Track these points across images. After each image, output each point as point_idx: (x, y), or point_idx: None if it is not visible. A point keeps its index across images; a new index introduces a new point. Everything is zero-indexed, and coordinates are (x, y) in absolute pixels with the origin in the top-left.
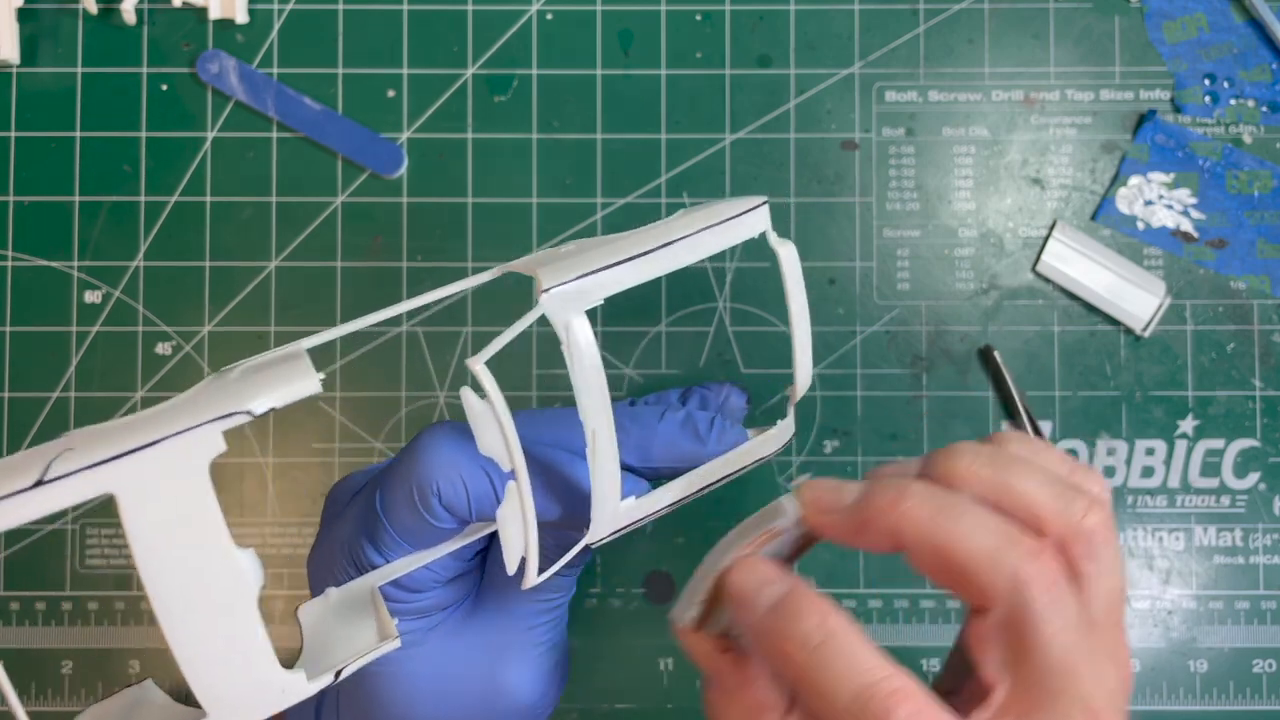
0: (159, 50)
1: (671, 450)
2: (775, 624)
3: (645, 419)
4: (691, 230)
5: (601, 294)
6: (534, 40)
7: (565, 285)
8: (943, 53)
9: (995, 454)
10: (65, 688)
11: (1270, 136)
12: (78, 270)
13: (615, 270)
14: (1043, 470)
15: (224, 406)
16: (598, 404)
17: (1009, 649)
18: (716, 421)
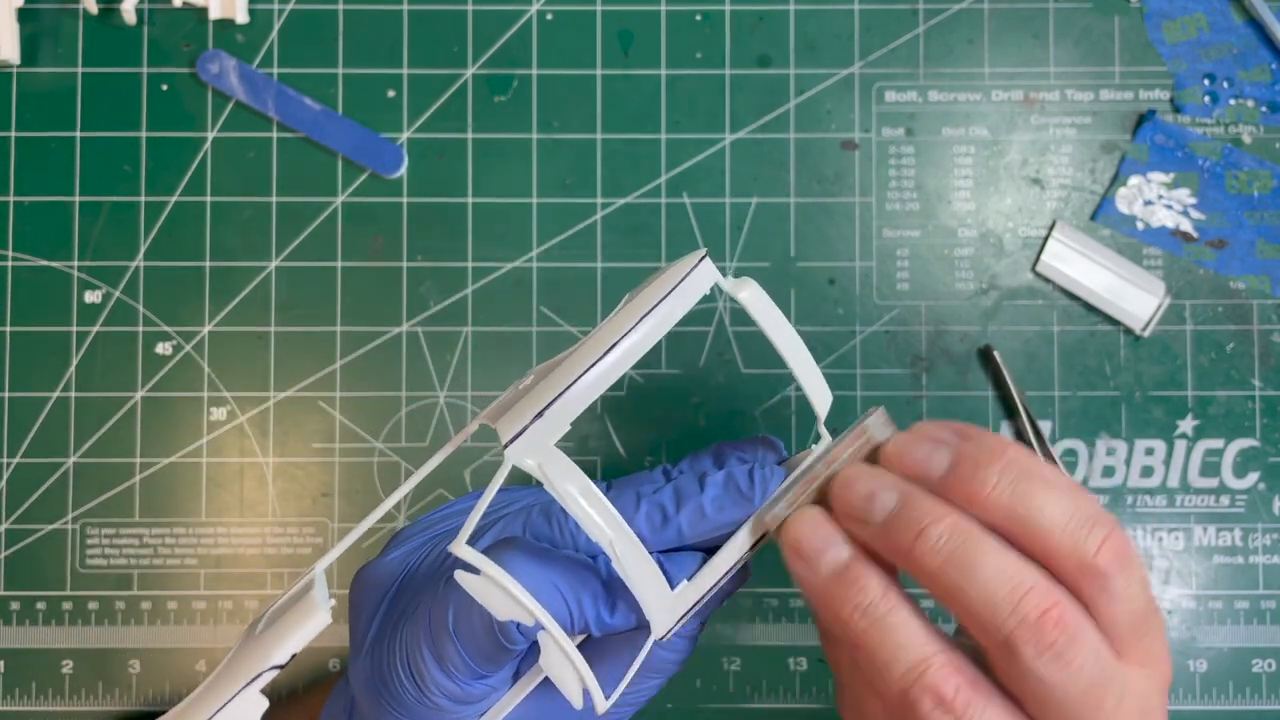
0: (159, 50)
1: (720, 517)
2: (837, 591)
3: (686, 492)
4: (633, 323)
5: (565, 421)
6: (534, 40)
7: (524, 433)
8: (943, 53)
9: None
10: (65, 688)
11: (1270, 136)
12: (78, 270)
13: (569, 395)
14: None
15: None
16: (602, 522)
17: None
18: (757, 474)
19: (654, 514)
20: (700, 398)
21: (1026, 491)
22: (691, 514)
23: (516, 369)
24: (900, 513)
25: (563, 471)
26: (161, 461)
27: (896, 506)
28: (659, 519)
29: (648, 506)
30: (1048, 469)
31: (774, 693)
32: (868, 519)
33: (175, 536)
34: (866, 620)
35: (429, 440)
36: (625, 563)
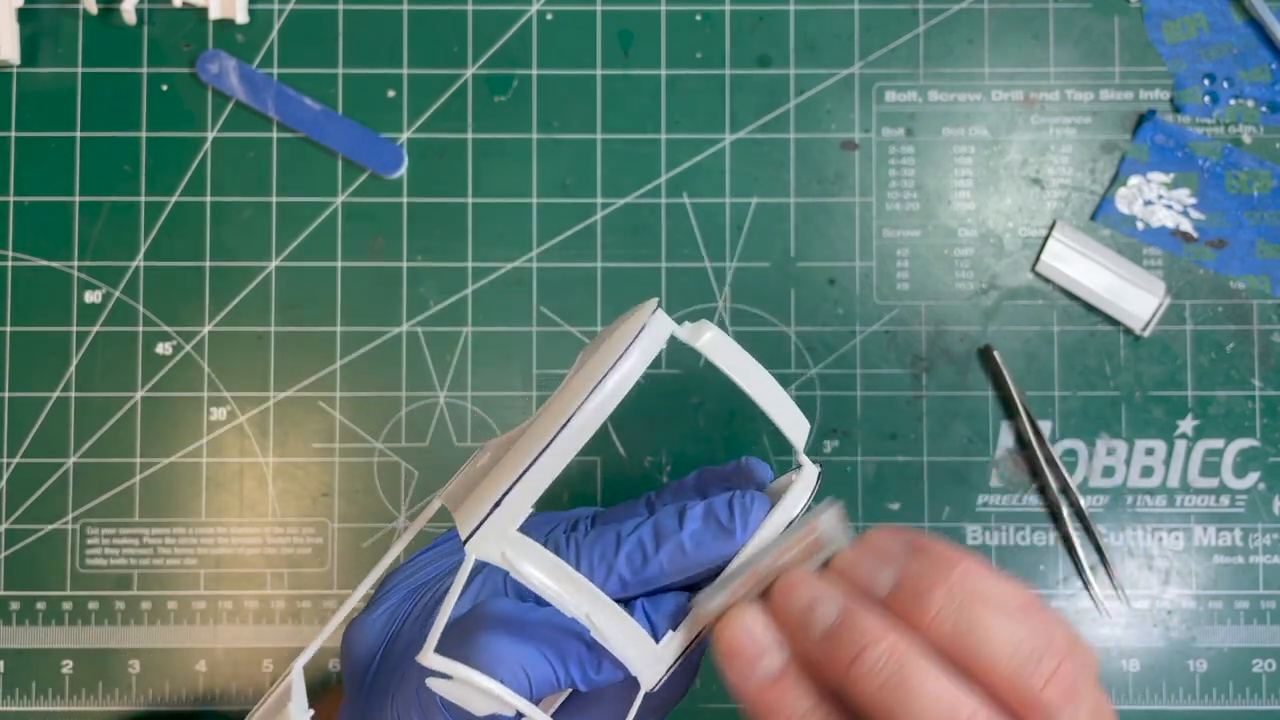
0: (159, 50)
1: (701, 554)
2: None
3: (666, 530)
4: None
5: (525, 505)
6: (534, 40)
7: (484, 524)
8: (943, 53)
9: (963, 605)
10: (65, 688)
11: (1270, 136)
12: (78, 270)
13: (526, 479)
14: (1007, 631)
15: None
16: (575, 596)
17: None
18: (737, 504)
19: (634, 555)
20: (700, 398)
21: (971, 619)
22: (672, 552)
23: (516, 369)
24: (840, 628)
25: (527, 556)
26: (161, 461)
27: (836, 622)
28: (639, 559)
29: (628, 548)
30: (998, 588)
31: None
32: (807, 630)
33: (175, 536)
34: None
35: (429, 440)
36: (605, 631)
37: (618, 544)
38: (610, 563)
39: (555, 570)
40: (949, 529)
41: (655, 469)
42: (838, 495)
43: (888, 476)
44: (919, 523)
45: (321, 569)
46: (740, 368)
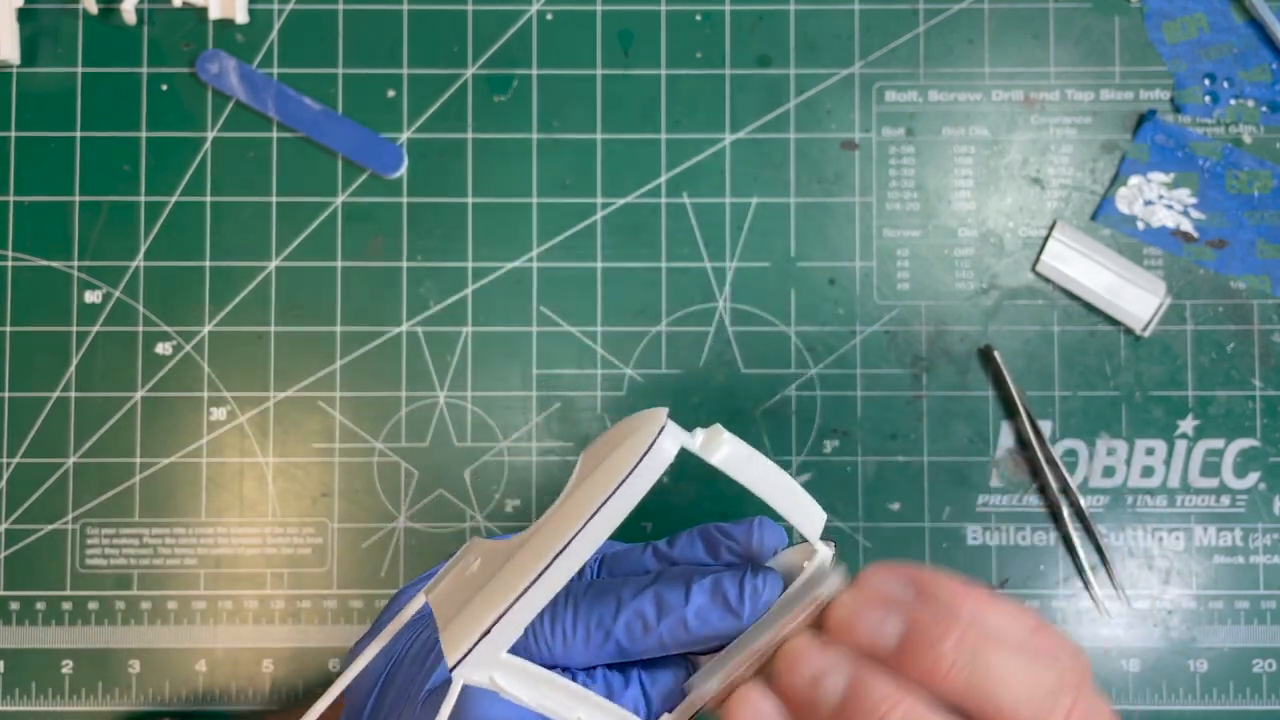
0: (159, 50)
1: (703, 631)
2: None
3: (669, 602)
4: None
5: (516, 631)
6: (534, 40)
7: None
8: (943, 53)
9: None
10: (65, 687)
11: (1270, 136)
12: (78, 270)
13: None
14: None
15: None
16: (567, 702)
17: None
18: (747, 586)
19: (634, 624)
20: (700, 398)
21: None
22: (673, 626)
23: (516, 369)
24: (851, 701)
25: (516, 678)
26: (161, 461)
27: (846, 693)
28: (639, 629)
29: (628, 616)
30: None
31: None
32: (815, 706)
33: (175, 536)
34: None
35: (429, 440)
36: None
37: (617, 610)
38: (608, 629)
39: (546, 684)
40: (949, 529)
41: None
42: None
43: (888, 476)
44: (919, 523)
45: (321, 569)
46: (754, 477)
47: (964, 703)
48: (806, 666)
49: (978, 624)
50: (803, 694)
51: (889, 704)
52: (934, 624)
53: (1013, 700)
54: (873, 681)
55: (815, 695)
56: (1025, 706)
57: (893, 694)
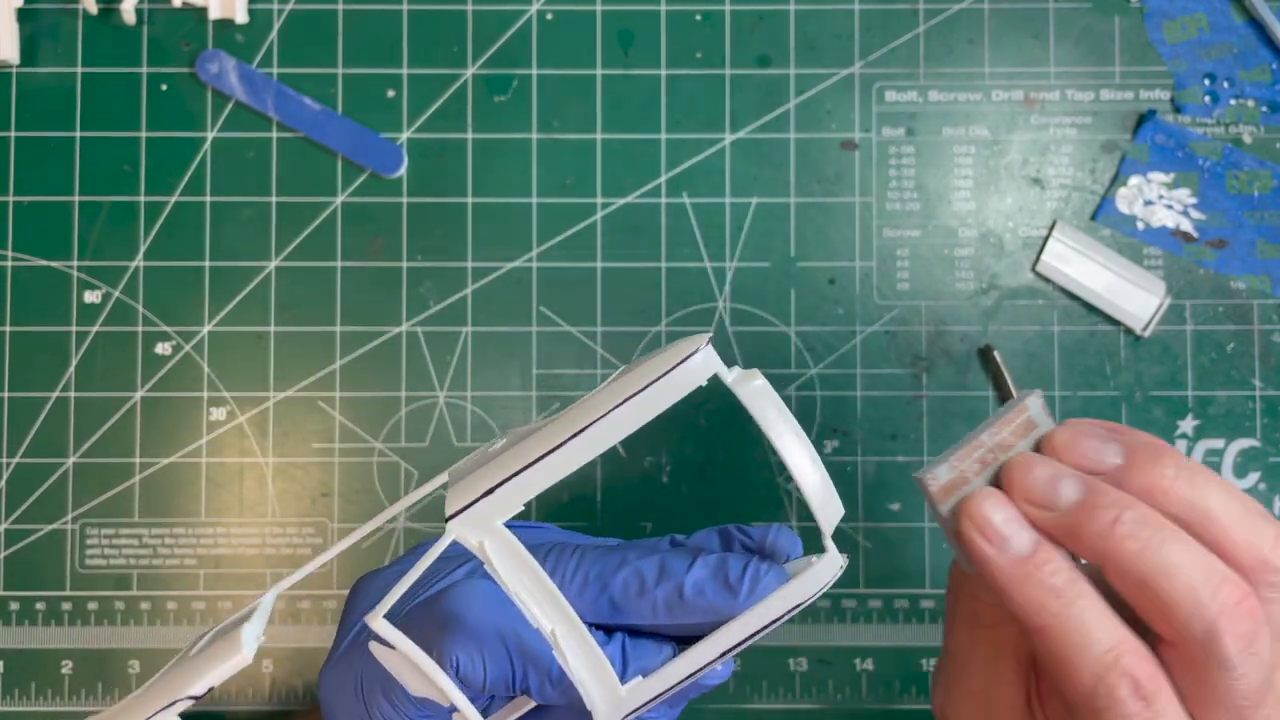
0: (159, 50)
1: (699, 602)
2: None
3: (671, 569)
4: (611, 405)
5: (518, 501)
6: (534, 40)
7: (470, 509)
8: (943, 53)
9: (1194, 473)
10: (65, 688)
11: (1270, 136)
12: (78, 270)
13: (525, 475)
14: (1234, 498)
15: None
16: (544, 606)
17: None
18: (750, 568)
19: (632, 581)
20: (700, 397)
21: (1204, 486)
22: (669, 591)
23: (516, 369)
24: (1089, 500)
25: (506, 553)
26: (161, 461)
27: (1083, 494)
28: (636, 587)
29: (627, 573)
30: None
31: (774, 693)
32: (1053, 505)
33: (175, 537)
34: (1060, 604)
35: (429, 440)
36: (567, 653)
37: (619, 566)
38: (606, 581)
39: (531, 576)
40: None
41: (655, 469)
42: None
43: (888, 476)
44: (919, 523)
45: (321, 569)
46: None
47: (1185, 518)
48: (1043, 470)
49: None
50: (1040, 494)
51: (1124, 504)
52: (1154, 450)
53: (1229, 517)
54: (1107, 488)
55: (1052, 496)
56: (1240, 526)
57: (1125, 497)
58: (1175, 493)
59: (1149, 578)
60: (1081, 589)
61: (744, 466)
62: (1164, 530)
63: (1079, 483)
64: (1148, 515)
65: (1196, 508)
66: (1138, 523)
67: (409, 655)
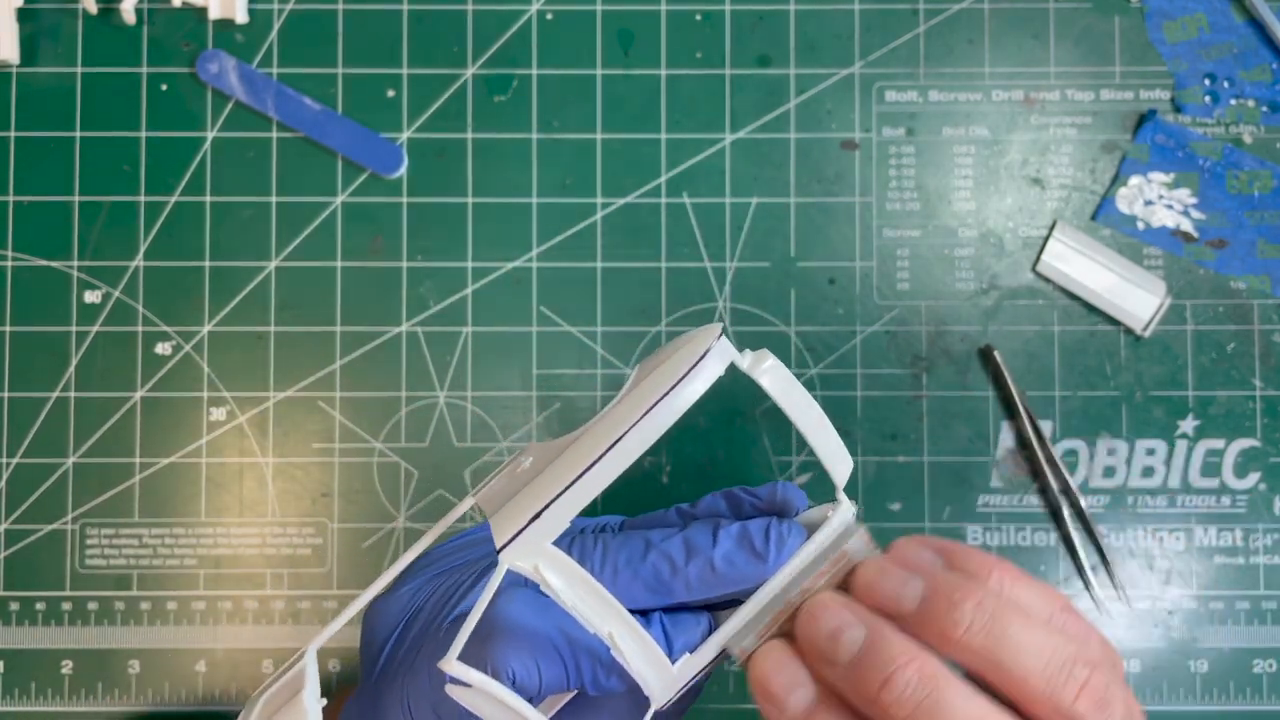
0: (159, 50)
1: (731, 573)
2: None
3: (697, 545)
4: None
5: (565, 521)
6: (534, 40)
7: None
8: (943, 53)
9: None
10: (65, 688)
11: (1270, 136)
12: (78, 270)
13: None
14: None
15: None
16: (600, 614)
17: None
18: (773, 532)
19: (662, 565)
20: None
21: (1002, 633)
22: (701, 569)
23: (516, 369)
24: (866, 655)
25: (560, 570)
26: (161, 461)
27: (862, 648)
28: (667, 570)
29: (656, 557)
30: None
31: None
32: (833, 659)
33: (175, 537)
34: (908, 708)
35: (429, 440)
36: (626, 652)
37: (646, 551)
38: (636, 568)
39: (584, 586)
40: (949, 529)
41: (655, 469)
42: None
43: (888, 476)
44: (919, 523)
45: (321, 569)
46: (794, 401)
47: (978, 667)
48: (827, 621)
49: (1002, 593)
50: (822, 647)
51: (902, 659)
52: (956, 588)
53: (1027, 667)
54: (889, 638)
55: (834, 649)
56: (1039, 675)
57: (907, 650)
58: (968, 644)
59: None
60: (933, 676)
61: (744, 466)
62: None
63: (861, 632)
64: (924, 673)
65: (990, 659)
66: (908, 685)
67: (492, 693)
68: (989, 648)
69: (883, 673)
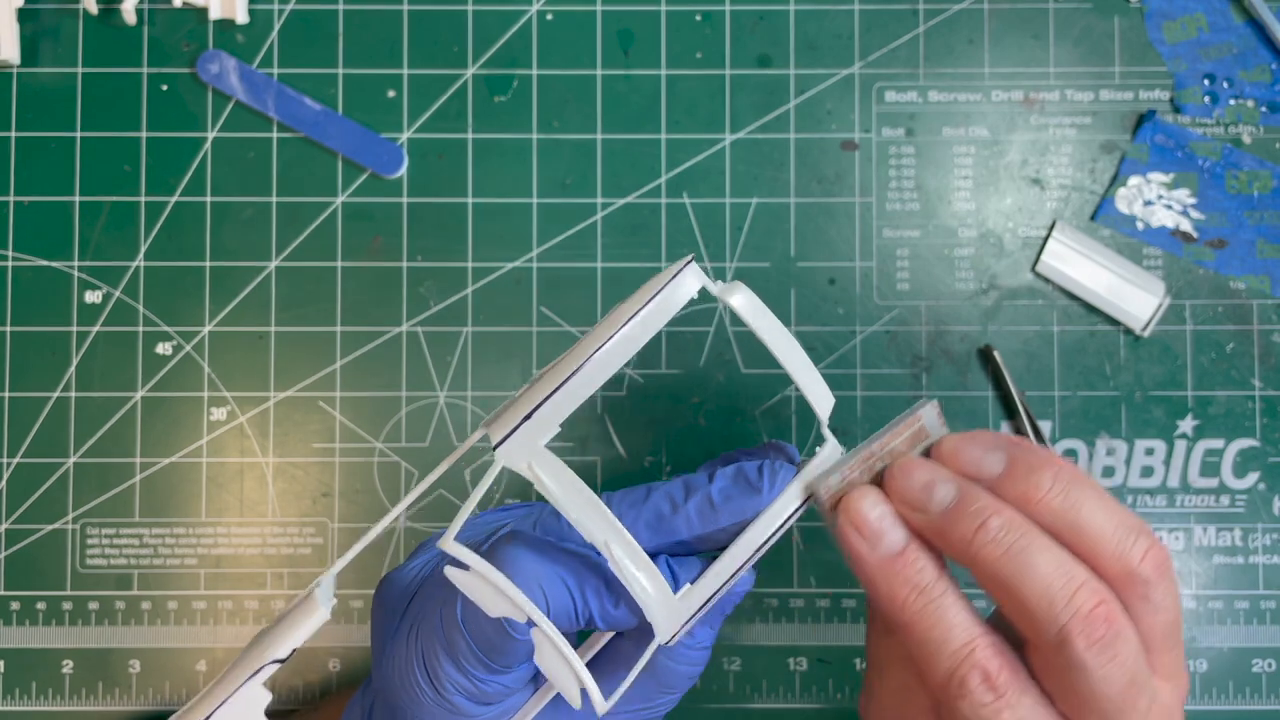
0: (159, 50)
1: (728, 507)
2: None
3: (695, 484)
4: (618, 327)
5: (554, 423)
6: (534, 40)
7: (513, 435)
8: (943, 53)
9: (1070, 486)
10: (65, 688)
11: (1270, 136)
12: (78, 270)
13: (556, 397)
14: (1108, 511)
15: (256, 663)
16: (594, 520)
17: (1057, 687)
18: (766, 466)
19: (662, 504)
20: (700, 398)
21: (1078, 498)
22: (700, 503)
23: (517, 369)
24: (959, 505)
25: (553, 471)
26: (161, 461)
27: (954, 499)
28: (668, 508)
29: (657, 497)
30: (1095, 481)
31: (774, 693)
32: (925, 508)
33: (175, 536)
34: (922, 600)
35: (429, 440)
36: (622, 563)
37: (647, 495)
38: (639, 510)
39: (579, 493)
40: None
41: (655, 469)
42: None
43: None
44: None
45: (321, 569)
46: (771, 333)
47: (1056, 527)
48: (921, 474)
49: (1071, 470)
50: (914, 497)
51: (991, 510)
52: (1033, 460)
53: (1100, 528)
54: (979, 493)
55: (926, 499)
56: (1110, 535)
57: (995, 503)
58: (1048, 504)
59: (1008, 582)
60: (945, 588)
61: None
62: (1027, 536)
63: (953, 487)
64: (1013, 521)
65: (1067, 519)
66: (1001, 529)
67: (484, 574)
68: (1067, 509)
69: (977, 518)
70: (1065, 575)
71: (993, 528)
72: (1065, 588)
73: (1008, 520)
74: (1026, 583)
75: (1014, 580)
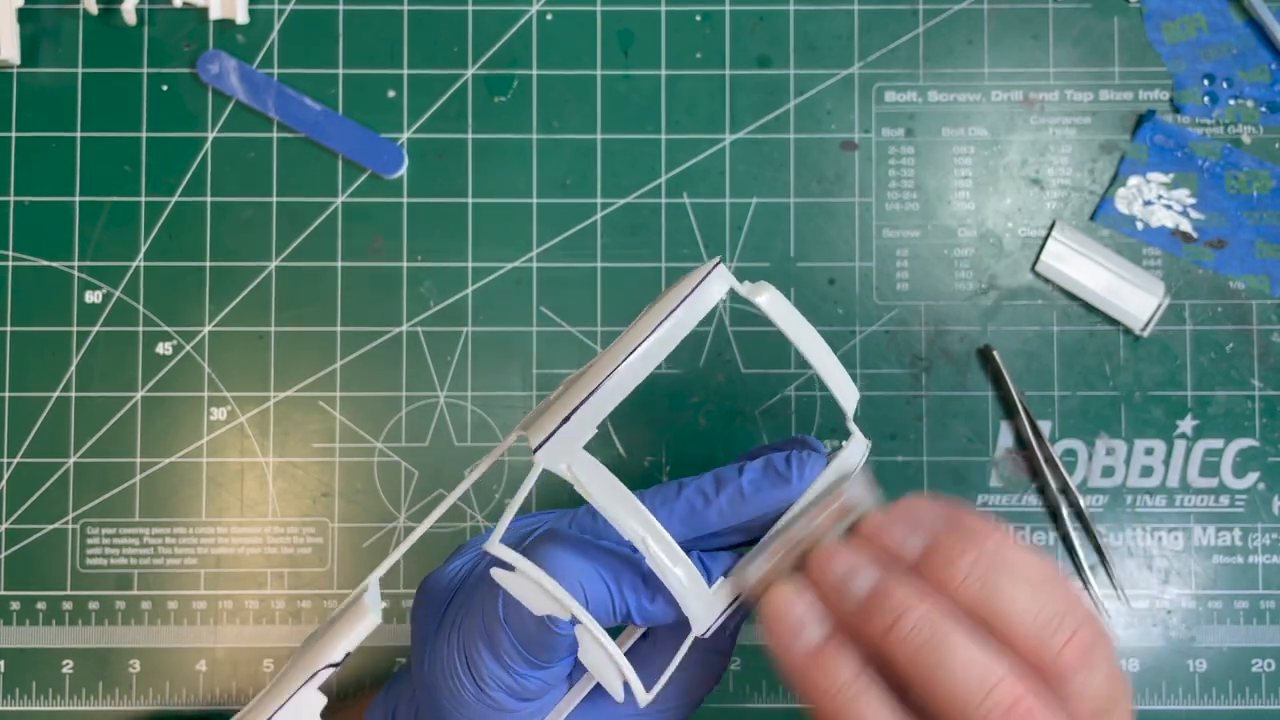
0: (159, 50)
1: (758, 497)
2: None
3: (725, 477)
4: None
5: (591, 425)
6: (534, 40)
7: (553, 437)
8: (943, 53)
9: (989, 572)
10: (65, 688)
11: (1269, 136)
12: (78, 270)
13: (593, 399)
14: (1030, 597)
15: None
16: (632, 516)
17: None
18: (794, 457)
19: (695, 498)
20: (700, 398)
21: (997, 585)
22: (731, 495)
23: (516, 369)
24: (875, 597)
25: (591, 472)
26: (162, 461)
27: (872, 590)
28: (700, 502)
29: (689, 492)
30: (1024, 558)
31: (774, 693)
32: (844, 599)
33: (175, 536)
34: (840, 699)
35: (429, 440)
36: (659, 559)
37: (679, 491)
38: (671, 505)
39: (616, 492)
40: None
41: (655, 469)
42: None
43: (887, 476)
44: None
45: (322, 569)
46: (798, 331)
47: (974, 614)
48: (839, 563)
49: (997, 553)
50: (832, 587)
51: (909, 602)
52: (955, 543)
53: (1018, 616)
54: (896, 584)
55: (844, 589)
56: (1029, 624)
57: (913, 594)
58: (966, 591)
59: (925, 677)
60: (862, 686)
61: None
62: (941, 633)
63: (871, 576)
64: (930, 614)
65: (987, 607)
66: (916, 625)
67: (529, 572)
68: (985, 598)
69: (892, 613)
70: (982, 671)
71: (905, 624)
72: (982, 685)
73: (924, 613)
74: (944, 679)
75: (931, 676)
